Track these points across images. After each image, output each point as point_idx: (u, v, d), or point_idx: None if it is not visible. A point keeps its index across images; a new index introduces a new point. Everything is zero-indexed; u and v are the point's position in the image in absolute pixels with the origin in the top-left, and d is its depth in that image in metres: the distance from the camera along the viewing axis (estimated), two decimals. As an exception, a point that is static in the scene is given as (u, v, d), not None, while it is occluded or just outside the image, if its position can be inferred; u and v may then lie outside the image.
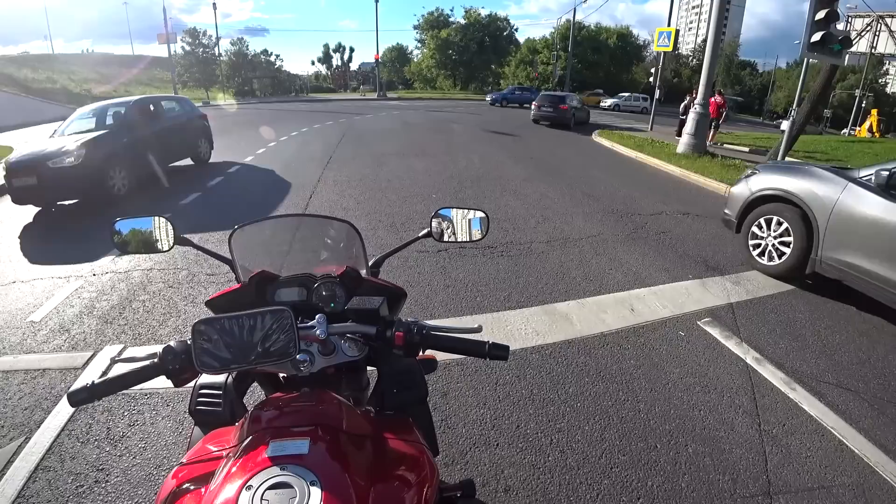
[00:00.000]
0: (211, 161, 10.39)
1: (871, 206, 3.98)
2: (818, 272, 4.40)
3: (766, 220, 4.90)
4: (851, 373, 3.27)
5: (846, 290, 4.49)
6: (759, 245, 4.95)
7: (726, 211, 5.47)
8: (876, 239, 3.93)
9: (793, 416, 2.81)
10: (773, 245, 4.78)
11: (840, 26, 8.41)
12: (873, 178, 4.03)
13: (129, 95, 11.81)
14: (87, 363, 3.15)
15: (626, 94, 40.48)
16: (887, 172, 3.90)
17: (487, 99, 37.39)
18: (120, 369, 0.99)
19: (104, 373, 3.06)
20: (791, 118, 8.77)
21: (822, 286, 4.57)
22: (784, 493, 2.27)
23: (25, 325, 3.64)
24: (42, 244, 5.50)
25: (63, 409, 2.70)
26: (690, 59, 63.07)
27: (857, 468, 2.45)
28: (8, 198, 6.62)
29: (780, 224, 4.73)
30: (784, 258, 4.66)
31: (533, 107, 20.92)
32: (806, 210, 4.46)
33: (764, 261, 4.87)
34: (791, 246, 4.58)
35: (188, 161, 9.87)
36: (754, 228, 5.02)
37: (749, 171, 5.47)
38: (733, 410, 2.83)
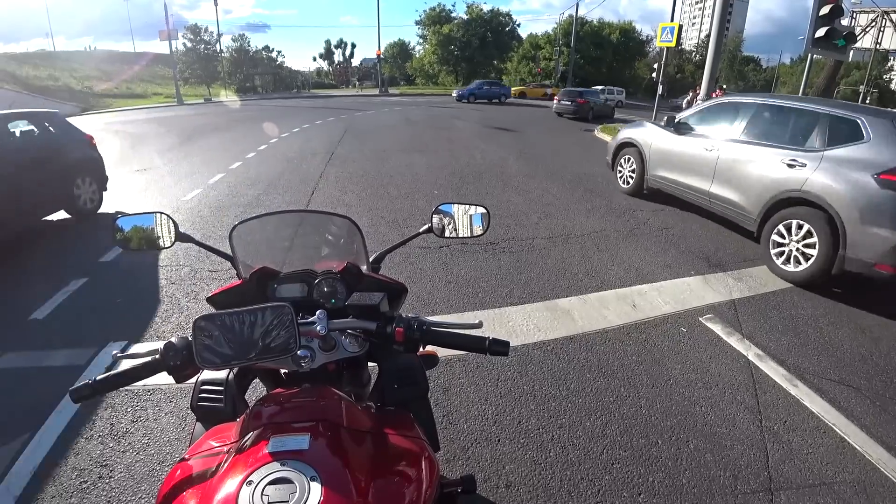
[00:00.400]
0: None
1: (664, 138, 6.78)
2: (648, 186, 7.21)
3: (625, 159, 7.79)
4: (853, 369, 3.26)
5: (850, 286, 4.49)
6: (621, 174, 7.89)
7: (607, 158, 8.37)
8: (668, 156, 6.68)
9: (794, 412, 2.81)
10: (628, 172, 7.70)
11: (844, 22, 8.33)
12: (664, 121, 6.92)
13: (132, 93, 11.44)
14: (90, 360, 3.16)
15: (600, 87, 37.82)
16: (667, 116, 6.92)
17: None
18: (121, 366, 0.99)
19: (107, 369, 3.07)
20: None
21: (826, 283, 4.57)
22: (785, 490, 2.27)
23: (29, 323, 3.66)
24: (46, 241, 5.51)
25: (67, 406, 2.71)
26: (694, 54, 62.78)
27: (859, 465, 2.45)
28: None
29: (629, 160, 7.63)
30: (633, 181, 7.54)
31: (555, 100, 23.89)
32: (639, 147, 7.33)
33: (622, 185, 7.88)
34: (636, 172, 7.46)
35: (61, 214, 6.17)
36: (621, 162, 7.90)
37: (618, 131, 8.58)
38: (735, 407, 2.83)
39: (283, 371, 1.21)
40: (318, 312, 1.04)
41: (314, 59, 63.16)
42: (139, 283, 4.27)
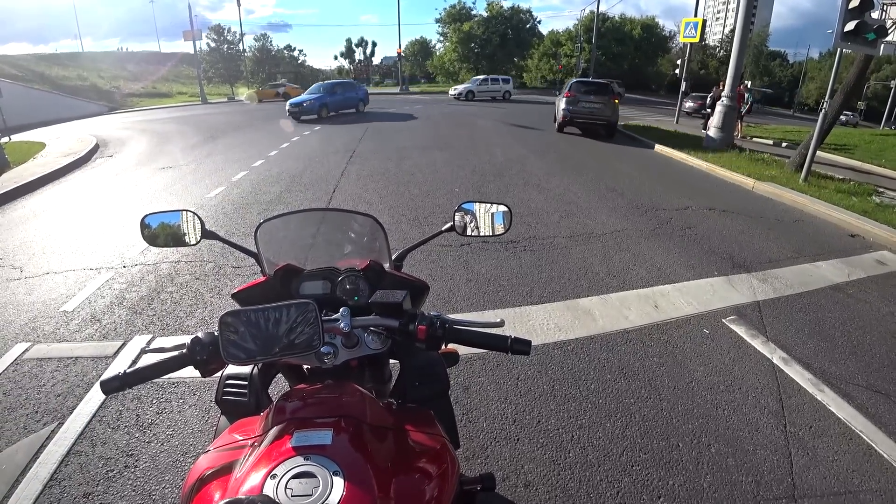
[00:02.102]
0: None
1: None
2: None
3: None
4: (883, 375, 3.17)
5: (879, 290, 4.38)
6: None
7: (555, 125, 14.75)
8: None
9: (820, 418, 2.75)
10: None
11: (875, 15, 8.05)
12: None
13: (157, 92, 11.80)
14: (117, 352, 3.25)
15: (481, 77, 33.89)
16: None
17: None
18: (150, 359, 1.02)
19: (133, 362, 3.15)
20: (822, 109, 8.49)
21: (854, 285, 4.46)
22: (809, 497, 2.22)
23: (58, 315, 3.76)
24: (75, 237, 5.66)
25: (94, 396, 2.79)
26: (718, 49, 61.44)
27: (886, 473, 2.38)
28: (43, 191, 6.79)
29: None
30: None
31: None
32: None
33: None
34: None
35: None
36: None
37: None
38: (758, 411, 2.78)
39: (305, 367, 1.23)
40: (341, 310, 1.06)
41: (335, 58, 63.70)
42: (164, 279, 4.35)
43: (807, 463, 2.41)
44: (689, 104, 24.31)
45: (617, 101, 14.42)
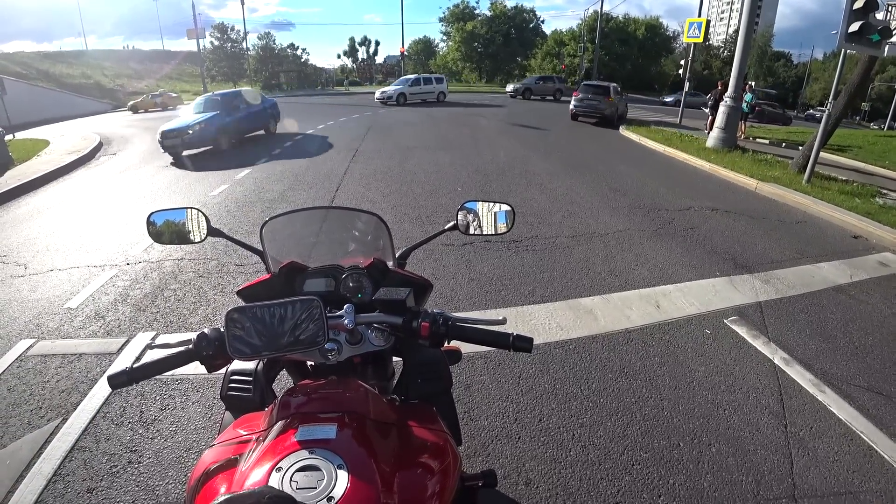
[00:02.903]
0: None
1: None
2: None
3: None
4: (884, 376, 3.17)
5: (881, 292, 4.38)
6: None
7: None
8: None
9: (821, 418, 2.75)
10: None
11: (880, 16, 8.03)
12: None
13: (161, 91, 11.81)
14: (121, 349, 3.27)
15: (412, 77, 28.57)
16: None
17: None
18: (155, 355, 1.03)
19: (137, 358, 3.17)
20: (826, 111, 8.48)
21: (856, 287, 4.46)
22: (809, 497, 2.23)
23: (62, 312, 3.79)
24: (79, 234, 5.68)
25: (99, 392, 2.81)
26: (722, 50, 61.41)
27: (887, 474, 2.39)
28: (47, 189, 6.82)
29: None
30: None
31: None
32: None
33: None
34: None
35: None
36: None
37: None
38: (759, 411, 2.78)
39: (309, 363, 1.24)
40: (345, 306, 1.07)
41: (338, 57, 63.61)
42: (167, 276, 4.37)
43: (807, 463, 2.42)
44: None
45: (611, 98, 17.37)
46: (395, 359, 1.38)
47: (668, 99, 31.67)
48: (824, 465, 2.42)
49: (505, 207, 1.53)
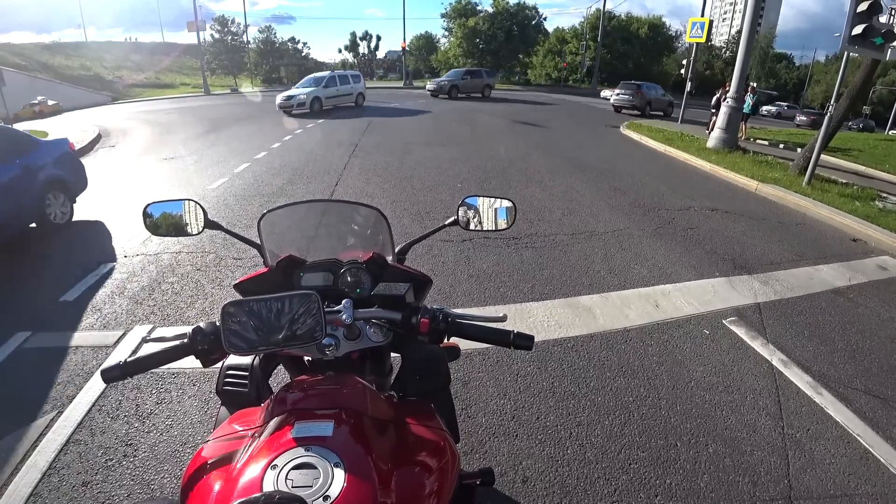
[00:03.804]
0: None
1: None
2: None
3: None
4: (881, 380, 3.17)
5: (880, 295, 4.38)
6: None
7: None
8: None
9: (818, 420, 2.75)
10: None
11: (883, 19, 8.00)
12: None
13: (160, 82, 11.80)
14: (117, 342, 3.25)
15: (326, 75, 20.39)
16: None
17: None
18: (151, 348, 1.02)
19: (134, 352, 3.15)
20: (828, 113, 8.46)
21: (855, 290, 4.47)
22: (805, 499, 2.23)
23: (59, 305, 3.77)
24: (75, 228, 5.66)
25: (94, 386, 2.80)
26: (724, 50, 61.18)
27: (883, 478, 2.39)
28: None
29: None
30: None
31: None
32: None
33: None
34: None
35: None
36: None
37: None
38: (756, 412, 2.78)
39: (306, 358, 1.23)
40: (343, 301, 1.05)
41: (339, 51, 63.31)
42: (165, 269, 4.36)
43: (804, 465, 2.42)
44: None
45: (641, 93, 21.89)
46: (393, 355, 1.37)
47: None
48: (821, 467, 2.42)
49: (506, 203, 1.52)
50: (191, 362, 1.04)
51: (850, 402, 2.90)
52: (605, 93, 34.90)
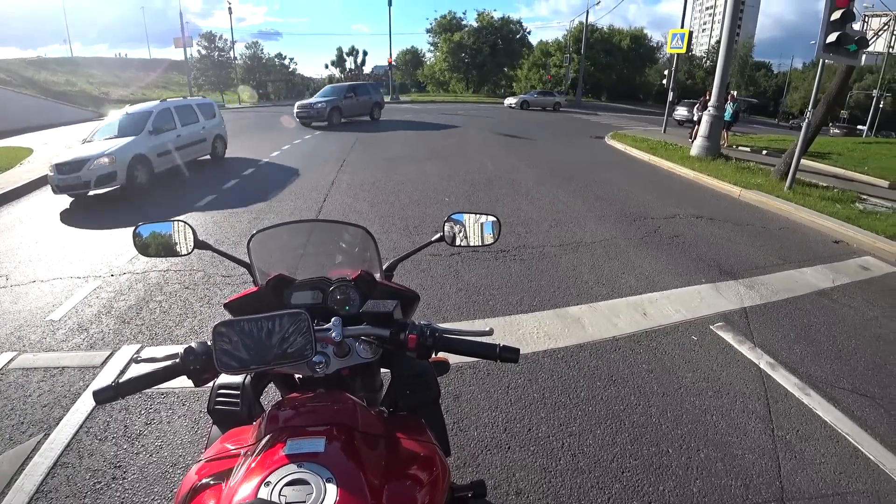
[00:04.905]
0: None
1: None
2: None
3: None
4: (867, 378, 3.23)
5: (863, 295, 4.45)
6: None
7: None
8: None
9: (807, 421, 2.79)
10: None
11: (856, 26, 8.23)
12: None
13: (147, 98, 12.02)
14: (105, 362, 3.22)
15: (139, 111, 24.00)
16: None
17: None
18: (141, 369, 1.02)
19: (122, 372, 3.12)
20: (806, 119, 8.65)
21: (839, 291, 4.54)
22: (797, 500, 2.25)
23: (45, 324, 3.72)
24: (62, 244, 5.60)
25: (82, 407, 2.76)
26: (704, 60, 62.23)
27: (873, 475, 2.42)
28: (30, 198, 6.75)
29: None
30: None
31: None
32: None
33: None
34: None
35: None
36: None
37: None
38: (746, 415, 2.81)
39: (297, 376, 1.23)
40: (333, 319, 1.06)
41: (326, 67, 63.40)
42: (153, 288, 4.32)
43: (795, 466, 2.45)
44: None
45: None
46: (383, 370, 1.37)
47: (682, 112, 31.31)
48: (811, 467, 2.45)
49: (491, 218, 1.54)
50: (180, 381, 1.04)
51: (838, 402, 2.94)
52: (510, 100, 34.81)
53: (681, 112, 24.17)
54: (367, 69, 59.36)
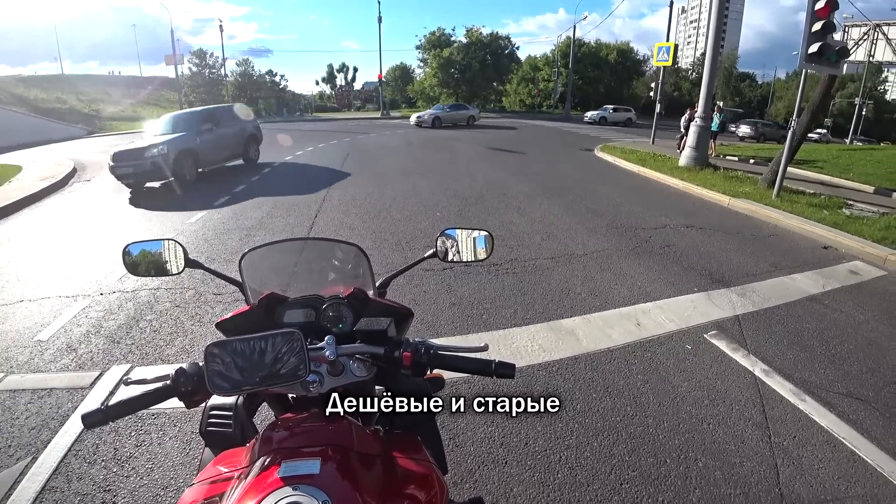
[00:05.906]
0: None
1: None
2: None
3: None
4: (861, 382, 3.24)
5: (853, 299, 4.49)
6: None
7: None
8: None
9: (803, 427, 2.79)
10: None
11: (837, 36, 8.42)
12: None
13: (138, 115, 12.06)
14: (94, 383, 3.16)
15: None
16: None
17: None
18: (132, 391, 1.00)
19: (111, 393, 3.07)
20: (791, 128, 8.79)
21: (829, 296, 4.58)
22: (797, 508, 2.25)
23: (33, 345, 3.66)
24: (50, 263, 5.54)
25: (70, 429, 2.71)
26: (690, 72, 63.26)
27: (871, 479, 2.42)
28: (18, 216, 6.65)
29: None
30: None
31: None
32: None
33: None
34: None
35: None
36: None
37: None
38: (743, 423, 2.81)
39: (291, 395, 1.22)
40: (326, 338, 1.05)
41: (317, 83, 63.76)
42: (143, 306, 4.27)
43: (793, 472, 2.44)
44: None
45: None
46: (378, 388, 1.36)
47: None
48: (809, 473, 2.44)
49: (483, 233, 1.54)
50: (172, 403, 1.02)
51: (833, 407, 2.95)
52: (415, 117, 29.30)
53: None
54: (357, 85, 59.77)
